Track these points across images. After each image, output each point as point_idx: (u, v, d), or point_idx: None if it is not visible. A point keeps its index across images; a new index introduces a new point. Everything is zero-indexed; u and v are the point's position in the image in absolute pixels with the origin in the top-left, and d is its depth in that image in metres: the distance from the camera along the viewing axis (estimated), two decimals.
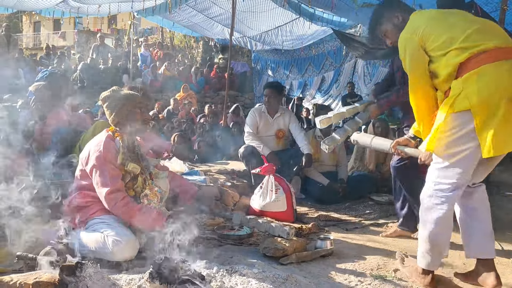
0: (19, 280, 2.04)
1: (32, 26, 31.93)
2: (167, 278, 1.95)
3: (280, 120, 5.05)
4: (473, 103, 2.19)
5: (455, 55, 2.28)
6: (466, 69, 2.25)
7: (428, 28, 2.37)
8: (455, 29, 2.34)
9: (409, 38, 2.41)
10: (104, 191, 2.64)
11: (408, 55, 2.42)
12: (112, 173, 2.70)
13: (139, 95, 2.93)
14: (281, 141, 5.07)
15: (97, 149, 2.71)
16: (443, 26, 2.37)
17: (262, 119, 5.02)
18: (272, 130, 5.05)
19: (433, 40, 2.35)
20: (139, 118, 2.85)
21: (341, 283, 2.54)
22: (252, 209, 4.11)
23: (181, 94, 12.05)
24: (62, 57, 14.16)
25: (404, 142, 2.80)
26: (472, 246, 2.55)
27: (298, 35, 11.22)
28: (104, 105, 2.87)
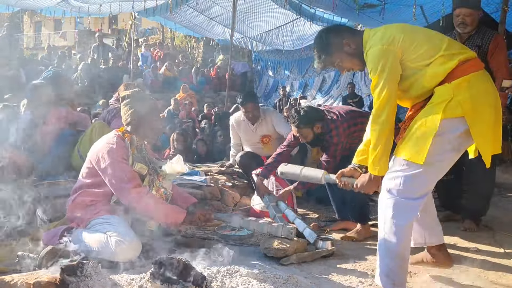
0: (20, 279, 2.04)
1: (33, 26, 31.91)
2: (168, 278, 1.95)
3: (263, 126, 4.74)
4: (466, 110, 2.17)
5: (442, 63, 2.24)
6: (453, 76, 2.22)
7: (407, 38, 2.28)
8: (433, 39, 2.33)
9: (388, 50, 2.25)
10: (128, 186, 2.66)
11: (387, 67, 2.24)
12: (130, 168, 2.74)
13: (159, 104, 3.00)
14: (267, 146, 4.78)
15: (110, 147, 2.73)
16: (421, 37, 2.32)
17: (242, 128, 4.81)
18: (256, 137, 4.79)
19: (414, 50, 2.27)
20: (153, 124, 2.90)
21: (342, 284, 2.54)
22: (252, 210, 4.11)
23: (180, 94, 12.05)
24: (63, 57, 14.17)
25: (350, 172, 2.59)
26: (427, 235, 2.59)
27: (298, 35, 11.23)
28: (123, 102, 2.90)
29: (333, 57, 2.48)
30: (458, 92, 2.19)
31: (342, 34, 2.46)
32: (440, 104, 2.19)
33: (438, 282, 2.58)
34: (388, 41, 2.27)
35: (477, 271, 2.81)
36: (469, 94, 2.19)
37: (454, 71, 2.22)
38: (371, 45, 2.31)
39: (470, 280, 2.64)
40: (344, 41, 2.44)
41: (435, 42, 2.30)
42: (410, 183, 2.24)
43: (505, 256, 3.10)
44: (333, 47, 2.46)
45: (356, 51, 2.43)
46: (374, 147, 2.31)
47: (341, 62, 2.49)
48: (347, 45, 2.44)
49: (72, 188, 2.91)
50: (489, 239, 3.47)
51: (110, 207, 2.77)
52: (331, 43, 2.46)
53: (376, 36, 2.33)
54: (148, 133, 2.92)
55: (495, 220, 4.00)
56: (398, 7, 6.82)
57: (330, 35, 2.48)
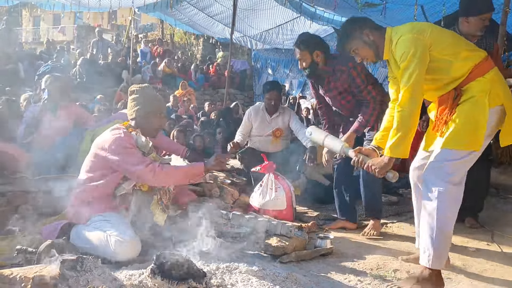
0: (19, 274, 2.03)
1: (32, 20, 31.82)
2: (168, 274, 1.94)
3: (279, 119, 4.92)
4: (503, 99, 2.41)
5: (467, 56, 2.44)
6: (481, 72, 2.42)
7: (434, 30, 2.47)
8: (455, 36, 2.57)
9: (418, 38, 2.41)
10: (141, 167, 2.67)
11: (418, 53, 2.39)
12: (139, 152, 2.78)
13: (165, 103, 3.02)
14: (278, 140, 4.95)
15: (117, 136, 2.74)
16: (444, 32, 2.54)
17: (259, 117, 4.92)
18: (269, 129, 4.92)
19: (441, 42, 2.44)
20: (157, 121, 2.92)
21: (341, 282, 2.54)
22: (251, 207, 4.11)
23: (180, 91, 12.03)
24: (61, 52, 14.13)
25: (367, 151, 2.68)
26: None
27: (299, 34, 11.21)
28: (130, 96, 2.92)
29: (352, 44, 2.69)
30: (494, 84, 2.41)
31: (365, 25, 2.67)
32: (483, 96, 2.38)
33: None
34: (418, 31, 2.44)
35: (475, 271, 2.82)
36: (501, 86, 2.45)
37: (480, 65, 2.43)
38: (401, 35, 2.47)
39: (468, 280, 2.65)
40: (365, 31, 2.64)
41: (456, 38, 2.54)
42: (455, 169, 2.39)
43: (504, 256, 3.11)
44: (354, 34, 2.67)
45: (373, 43, 2.63)
46: (398, 129, 2.43)
47: (357, 50, 2.69)
48: (367, 35, 2.64)
49: (74, 182, 2.90)
50: (488, 240, 3.48)
51: (110, 204, 2.77)
52: (353, 30, 2.68)
53: (404, 28, 2.52)
54: (150, 130, 2.94)
55: (493, 221, 4.01)
56: (399, 6, 6.81)
57: (354, 23, 2.71)
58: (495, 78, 2.43)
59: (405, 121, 2.42)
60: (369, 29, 2.64)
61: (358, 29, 2.65)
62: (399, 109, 2.44)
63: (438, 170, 2.40)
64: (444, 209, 2.37)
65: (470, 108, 2.39)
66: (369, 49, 2.65)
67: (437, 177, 2.40)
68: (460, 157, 2.38)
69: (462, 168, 2.42)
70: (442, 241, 2.39)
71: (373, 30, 2.63)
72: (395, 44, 2.49)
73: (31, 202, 3.32)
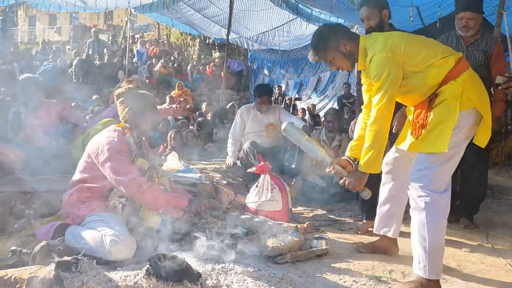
0: (14, 275, 2.03)
1: (28, 20, 31.68)
2: (163, 275, 1.94)
3: (270, 115, 5.24)
4: (475, 102, 2.44)
5: (442, 63, 2.47)
6: (454, 74, 2.46)
7: (407, 45, 2.49)
8: (429, 46, 2.57)
9: (391, 58, 2.45)
10: (127, 177, 2.66)
11: (391, 74, 2.43)
12: (129, 161, 2.75)
13: (155, 98, 3.00)
14: (271, 134, 5.22)
15: (111, 140, 2.73)
16: (418, 44, 2.56)
17: (251, 115, 5.23)
18: (262, 125, 5.22)
19: (415, 55, 2.48)
20: (150, 117, 2.90)
21: (336, 283, 2.55)
22: (247, 208, 4.11)
23: (176, 92, 12.02)
24: (57, 52, 14.08)
25: (344, 163, 2.71)
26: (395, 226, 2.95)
27: (295, 35, 11.23)
28: (118, 100, 2.91)
29: (328, 53, 2.64)
30: (465, 87, 2.44)
31: (341, 34, 2.62)
32: (454, 99, 2.41)
33: None
34: (391, 49, 2.46)
35: (470, 272, 2.83)
36: (473, 87, 2.48)
37: (454, 69, 2.46)
38: (375, 53, 2.49)
39: (463, 281, 2.66)
40: (342, 41, 2.60)
41: (431, 48, 2.54)
42: (436, 177, 2.41)
43: (498, 257, 3.12)
44: (330, 44, 2.61)
45: (349, 53, 2.62)
46: (370, 147, 2.49)
47: (333, 59, 2.66)
48: (343, 45, 2.60)
49: (69, 182, 2.89)
50: (482, 240, 3.50)
51: (105, 204, 2.77)
52: (329, 39, 2.61)
53: (378, 43, 2.51)
54: (147, 127, 2.93)
55: (488, 221, 4.03)
56: (395, 7, 6.81)
57: (330, 32, 2.64)
58: (468, 80, 2.46)
59: (377, 140, 2.48)
60: (346, 39, 2.61)
61: (335, 38, 2.61)
62: (371, 128, 2.49)
63: (421, 180, 2.43)
64: (434, 219, 2.39)
65: (440, 112, 2.44)
66: (345, 59, 2.64)
67: (421, 187, 2.42)
68: (439, 164, 2.41)
69: (444, 174, 2.44)
70: (436, 251, 2.40)
71: (349, 40, 2.61)
72: (369, 61, 2.53)
73: (26, 202, 3.31)
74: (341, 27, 2.76)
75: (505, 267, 2.94)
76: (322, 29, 2.68)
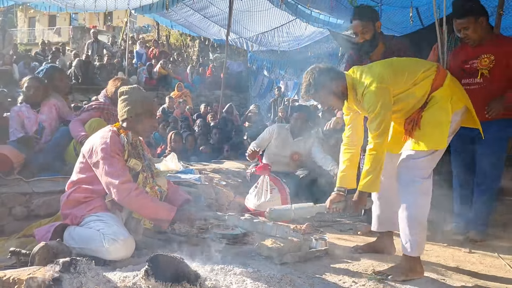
0: (13, 275, 2.03)
1: (27, 21, 31.70)
2: (162, 275, 1.94)
3: (301, 143, 4.83)
4: (464, 101, 2.74)
5: (424, 77, 2.71)
6: (439, 83, 2.70)
7: (391, 72, 2.72)
8: (407, 65, 2.82)
9: (382, 88, 2.66)
10: (116, 181, 2.65)
11: (385, 105, 2.65)
12: (122, 164, 2.73)
13: (156, 103, 2.99)
14: (294, 164, 4.86)
15: (104, 141, 2.72)
16: (399, 66, 2.78)
17: (281, 136, 4.82)
18: (288, 150, 4.82)
19: (399, 79, 2.71)
20: (149, 122, 2.88)
21: (336, 283, 2.54)
22: (247, 209, 4.11)
23: (175, 93, 12.03)
24: (57, 53, 14.07)
25: (338, 198, 2.91)
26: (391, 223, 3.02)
27: (295, 36, 11.22)
28: (120, 98, 2.89)
29: (320, 94, 2.84)
30: (452, 90, 2.71)
31: (333, 76, 2.82)
32: (445, 102, 2.66)
33: (431, 285, 2.58)
34: (379, 80, 2.67)
35: (469, 273, 2.82)
36: (458, 88, 2.78)
37: (437, 78, 2.71)
38: (365, 86, 2.70)
39: (462, 281, 2.66)
40: (334, 82, 2.81)
41: (411, 67, 2.78)
42: (425, 165, 2.68)
43: (497, 257, 3.12)
44: (324, 86, 2.81)
45: (340, 93, 2.83)
46: (371, 171, 2.71)
47: (325, 99, 2.88)
48: (336, 87, 2.81)
49: (67, 183, 2.89)
50: (481, 241, 3.48)
51: (104, 204, 2.76)
52: (321, 82, 2.80)
53: (365, 78, 2.72)
54: (143, 130, 2.90)
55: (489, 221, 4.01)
56: (394, 8, 6.82)
57: (322, 74, 2.81)
58: (452, 84, 2.74)
59: (376, 163, 2.70)
60: (339, 81, 2.81)
61: (328, 81, 2.79)
62: (370, 152, 2.70)
63: (411, 168, 2.68)
64: (420, 200, 2.66)
65: (434, 113, 2.67)
66: (335, 98, 2.85)
67: (411, 174, 2.67)
68: (427, 154, 2.66)
69: (430, 163, 2.70)
70: (419, 230, 2.65)
71: (340, 81, 2.81)
72: (362, 95, 2.73)
73: (25, 203, 3.31)
74: (333, 68, 2.93)
75: (504, 268, 2.94)
76: (313, 71, 2.83)
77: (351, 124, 3.01)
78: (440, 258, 3.10)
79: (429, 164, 2.69)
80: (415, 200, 2.65)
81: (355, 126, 3.01)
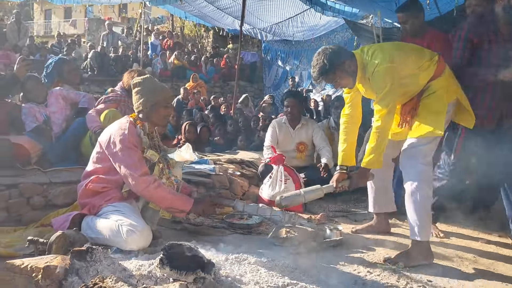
0: (30, 264, 2.06)
1: (43, 14, 32.03)
2: (177, 264, 1.95)
3: (302, 132, 4.76)
4: (458, 93, 2.88)
5: (429, 65, 2.81)
6: (439, 71, 2.82)
7: (400, 52, 2.84)
8: (414, 49, 2.93)
9: (393, 67, 2.74)
10: (135, 173, 2.68)
11: (394, 83, 2.73)
12: (139, 155, 2.75)
13: (170, 91, 2.99)
14: (302, 155, 4.78)
15: (122, 132, 2.74)
16: (407, 49, 2.92)
17: (282, 131, 4.75)
18: (293, 143, 4.75)
19: (407, 62, 2.80)
20: (164, 112, 2.89)
21: (350, 273, 2.54)
22: (261, 199, 4.11)
23: (190, 84, 12.04)
24: (72, 45, 14.18)
25: (342, 177, 2.98)
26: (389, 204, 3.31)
27: (309, 26, 11.12)
28: (134, 89, 2.89)
29: (334, 74, 2.88)
30: (449, 80, 2.86)
31: (344, 55, 2.88)
32: (442, 91, 2.80)
33: (446, 276, 2.56)
34: (390, 59, 2.75)
35: (486, 263, 2.80)
36: (453, 80, 2.89)
37: (438, 67, 2.82)
38: (376, 65, 2.76)
39: (478, 272, 2.63)
40: (347, 61, 2.86)
41: (416, 52, 2.89)
42: (426, 152, 2.80)
43: None
44: (338, 66, 2.85)
45: (353, 72, 2.89)
46: (375, 148, 2.80)
47: (339, 80, 2.92)
48: (348, 66, 2.86)
49: (83, 173, 2.92)
50: (499, 232, 3.44)
51: (121, 194, 2.78)
52: (335, 61, 2.84)
53: (376, 57, 2.79)
54: (159, 120, 2.91)
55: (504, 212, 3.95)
56: None
57: (334, 54, 2.85)
58: (449, 75, 2.87)
59: (381, 140, 2.80)
60: (349, 60, 2.86)
61: (341, 60, 2.84)
62: (377, 130, 2.79)
63: (414, 156, 2.79)
64: (425, 187, 2.76)
65: (432, 102, 2.80)
66: (350, 78, 2.91)
67: (415, 162, 2.78)
68: (428, 142, 2.79)
69: (431, 150, 2.83)
70: (426, 215, 2.77)
71: (351, 60, 2.87)
72: (371, 73, 2.79)
73: (43, 193, 3.35)
74: (343, 48, 2.99)
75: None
76: (327, 52, 2.85)
77: (351, 103, 3.12)
78: (457, 249, 3.07)
79: (429, 152, 2.82)
80: (421, 187, 2.74)
81: (354, 104, 3.12)
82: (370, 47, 2.92)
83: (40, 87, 4.23)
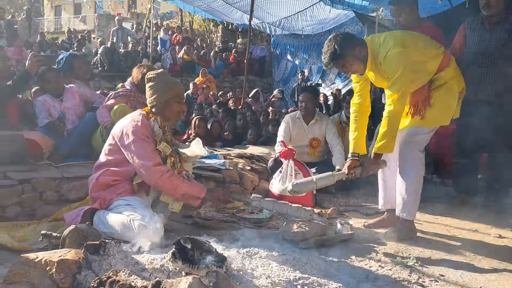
0: (44, 257, 2.08)
1: (53, 10, 32.20)
2: (189, 258, 1.96)
3: (316, 128, 4.75)
4: (462, 85, 3.07)
5: (437, 54, 2.93)
6: (445, 62, 2.95)
7: (411, 38, 2.94)
8: (421, 38, 3.03)
9: (405, 51, 2.79)
10: (149, 163, 2.70)
11: (407, 67, 2.78)
12: (152, 147, 2.77)
13: (182, 87, 2.99)
14: (315, 151, 4.80)
15: (135, 124, 2.76)
16: (415, 37, 3.01)
17: (296, 126, 4.75)
18: (306, 139, 4.76)
19: (417, 48, 2.89)
20: (177, 108, 2.90)
21: (361, 268, 2.53)
22: (271, 193, 4.11)
23: (200, 79, 12.06)
24: (82, 41, 14.25)
25: (354, 163, 3.01)
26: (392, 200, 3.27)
27: (319, 19, 11.06)
28: (147, 84, 2.91)
29: (346, 60, 2.90)
30: (456, 73, 3.02)
31: (355, 41, 2.93)
32: (453, 82, 2.97)
33: (459, 270, 2.55)
34: (402, 44, 2.82)
35: (499, 258, 2.77)
36: (459, 72, 3.07)
37: (445, 57, 2.96)
38: (388, 49, 2.81)
39: (491, 266, 2.61)
40: (357, 47, 2.88)
41: (425, 40, 3.01)
42: (425, 140, 3.05)
43: None
44: (348, 51, 2.87)
45: (363, 57, 2.91)
46: (388, 133, 2.83)
47: (350, 65, 2.93)
48: (359, 51, 2.89)
49: (94, 165, 2.94)
50: (511, 226, 3.41)
51: (131, 188, 2.80)
52: (346, 47, 2.85)
53: (387, 42, 2.84)
54: (172, 116, 2.92)
55: None
56: None
57: (345, 40, 2.88)
58: (456, 66, 3.03)
59: (393, 125, 2.85)
60: (360, 46, 2.89)
61: (352, 46, 2.87)
62: (389, 114, 2.83)
63: (414, 143, 2.98)
64: (420, 171, 3.00)
65: (444, 93, 2.96)
66: (360, 63, 2.93)
67: (414, 148, 2.98)
68: (431, 131, 3.02)
69: (427, 139, 3.06)
70: (414, 196, 3.00)
71: (362, 46, 2.90)
72: (384, 58, 2.83)
73: (55, 188, 3.39)
74: (353, 35, 3.10)
75: None
76: (338, 39, 2.87)
77: (360, 92, 3.17)
78: (468, 243, 3.05)
79: (427, 140, 3.05)
80: (417, 171, 2.97)
81: (364, 94, 3.17)
82: (381, 34, 2.98)
83: (60, 80, 4.28)
